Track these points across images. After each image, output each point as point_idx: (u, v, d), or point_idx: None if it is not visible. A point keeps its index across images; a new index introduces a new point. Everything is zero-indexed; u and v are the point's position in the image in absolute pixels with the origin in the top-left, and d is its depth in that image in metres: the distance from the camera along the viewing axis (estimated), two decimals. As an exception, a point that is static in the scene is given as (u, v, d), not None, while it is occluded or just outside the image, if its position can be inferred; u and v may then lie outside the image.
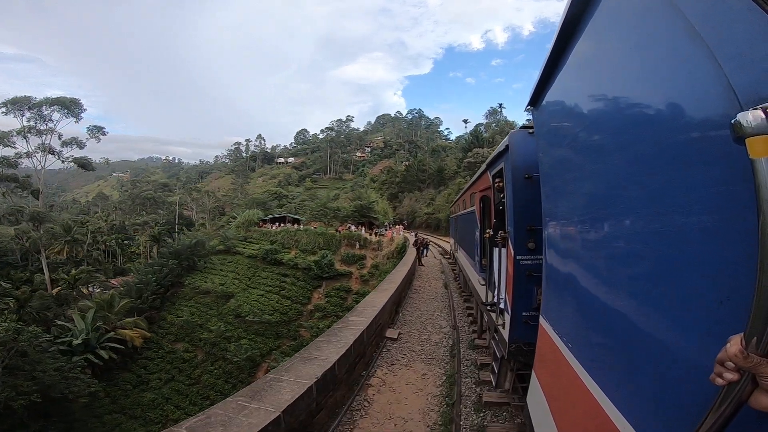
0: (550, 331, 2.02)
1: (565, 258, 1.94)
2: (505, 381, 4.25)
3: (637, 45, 1.13)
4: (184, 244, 36.38)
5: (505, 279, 3.76)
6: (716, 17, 0.77)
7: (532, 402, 2.38)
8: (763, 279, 0.55)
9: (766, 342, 0.53)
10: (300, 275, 31.52)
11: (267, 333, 26.85)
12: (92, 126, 41.19)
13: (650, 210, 1.05)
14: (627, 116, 1.20)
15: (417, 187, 60.22)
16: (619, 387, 1.24)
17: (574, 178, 1.78)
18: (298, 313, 27.82)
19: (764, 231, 0.54)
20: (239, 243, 38.87)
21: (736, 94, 0.69)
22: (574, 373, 1.57)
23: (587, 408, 1.42)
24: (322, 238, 34.85)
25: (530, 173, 3.19)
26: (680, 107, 0.92)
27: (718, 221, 0.79)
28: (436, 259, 22.26)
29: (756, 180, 0.56)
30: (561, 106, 1.94)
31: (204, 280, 34.90)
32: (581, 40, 1.55)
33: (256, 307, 28.96)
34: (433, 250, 26.50)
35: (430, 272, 16.93)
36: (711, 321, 0.80)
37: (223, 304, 30.72)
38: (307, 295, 30.02)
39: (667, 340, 0.97)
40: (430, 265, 19.23)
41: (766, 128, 0.55)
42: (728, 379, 0.58)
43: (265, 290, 30.91)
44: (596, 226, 1.51)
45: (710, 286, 0.81)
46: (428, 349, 7.01)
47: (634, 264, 1.18)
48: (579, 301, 1.68)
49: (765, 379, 0.54)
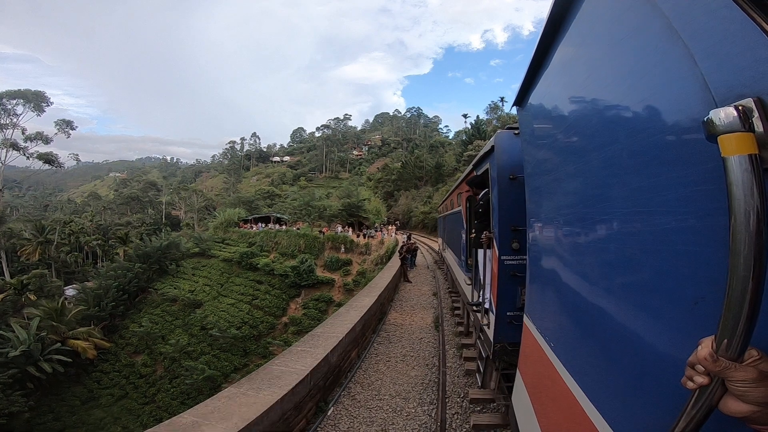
0: (534, 330, 2.03)
1: (547, 258, 1.95)
2: (490, 380, 4.23)
3: (617, 44, 1.11)
4: (154, 246, 33.19)
5: (490, 279, 3.76)
6: (692, 13, 0.75)
7: (517, 401, 2.35)
8: (734, 281, 0.54)
9: (736, 345, 0.53)
10: (276, 282, 28.13)
11: (233, 349, 23.57)
12: (60, 120, 38.15)
13: (628, 210, 1.06)
14: (606, 116, 1.20)
15: (413, 185, 56.42)
16: (599, 386, 1.24)
17: (555, 178, 1.77)
18: (270, 327, 24.49)
19: (735, 231, 0.54)
20: (216, 245, 35.64)
21: (712, 93, 0.68)
22: (556, 372, 1.58)
23: (568, 407, 1.43)
24: (303, 241, 31.41)
25: (515, 174, 3.16)
26: (658, 106, 0.90)
27: (693, 221, 0.78)
28: (428, 272, 16.25)
29: (727, 178, 0.55)
30: (544, 106, 1.91)
31: (174, 285, 31.74)
32: (565, 40, 1.52)
33: (224, 318, 25.70)
34: (427, 257, 21.87)
35: (419, 296, 11.16)
36: (687, 321, 0.80)
37: (189, 314, 27.52)
38: (282, 305, 26.64)
39: (645, 340, 0.97)
40: (420, 282, 13.87)
41: (739, 126, 0.54)
42: (699, 383, 0.57)
43: (237, 299, 27.64)
44: (576, 226, 1.51)
45: (686, 285, 0.81)
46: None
47: (613, 264, 1.18)
48: (560, 300, 1.71)
49: (734, 384, 0.53)
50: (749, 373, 0.52)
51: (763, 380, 0.51)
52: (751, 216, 0.52)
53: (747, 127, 0.54)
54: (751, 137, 0.54)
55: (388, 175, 64.02)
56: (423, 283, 13.83)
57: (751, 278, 0.52)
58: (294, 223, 38.90)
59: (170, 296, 29.26)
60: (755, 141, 0.54)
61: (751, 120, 0.55)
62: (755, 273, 0.52)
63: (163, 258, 33.97)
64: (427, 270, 17.13)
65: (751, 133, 0.54)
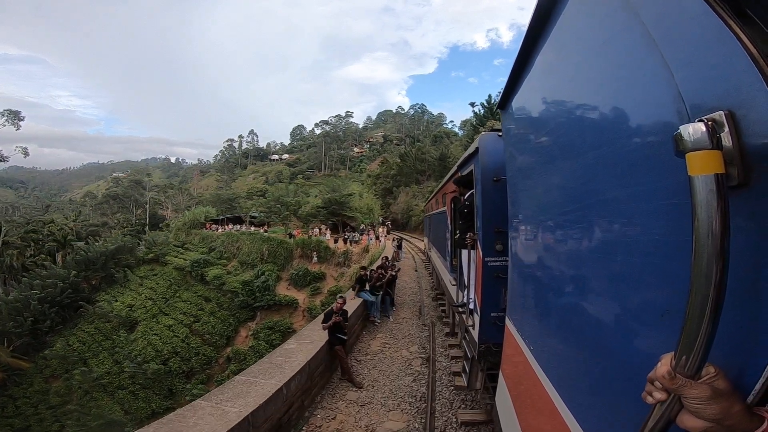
0: (515, 333, 2.02)
1: (526, 261, 1.95)
2: (476, 381, 4.19)
3: (596, 51, 1.09)
4: (97, 250, 28.19)
5: (474, 280, 3.72)
6: (669, 21, 0.74)
7: (500, 402, 2.36)
8: (694, 300, 0.54)
9: (693, 363, 0.54)
10: (225, 301, 22.60)
11: (156, 387, 18.15)
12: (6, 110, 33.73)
13: (603, 219, 1.05)
14: (583, 124, 1.18)
15: (415, 180, 49.52)
16: (573, 392, 1.24)
17: (533, 183, 1.77)
18: (206, 362, 18.86)
19: (697, 252, 0.53)
20: (173, 250, 30.42)
21: (685, 104, 0.67)
22: (535, 375, 1.57)
23: (546, 410, 1.42)
24: (267, 246, 25.63)
25: (499, 176, 3.11)
26: (633, 116, 0.89)
27: (663, 234, 0.78)
28: (417, 335, 7.67)
29: (693, 199, 0.54)
30: (525, 111, 1.92)
31: (115, 298, 26.65)
32: (546, 45, 1.50)
33: (154, 344, 20.31)
34: (421, 284, 12.73)
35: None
36: (654, 333, 0.80)
37: (121, 335, 22.29)
38: (228, 331, 21.04)
39: (617, 349, 0.97)
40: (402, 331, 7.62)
41: (706, 143, 0.53)
42: (657, 399, 0.59)
43: (177, 319, 22.29)
44: (553, 232, 1.50)
45: (655, 297, 0.81)
46: None
47: (587, 271, 1.17)
48: (538, 304, 1.71)
49: (690, 401, 0.54)
50: (703, 391, 0.53)
51: (716, 398, 0.52)
52: (714, 238, 0.51)
53: (715, 143, 0.53)
54: (718, 155, 0.53)
55: (387, 170, 57.73)
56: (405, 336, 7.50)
57: (709, 300, 0.52)
58: (264, 224, 33.30)
59: (105, 312, 24.11)
60: (722, 159, 0.53)
61: (719, 135, 0.54)
62: (714, 295, 0.52)
63: (114, 264, 29.02)
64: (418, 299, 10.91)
65: (719, 150, 0.53)
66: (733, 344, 0.59)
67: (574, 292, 1.26)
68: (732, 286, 0.53)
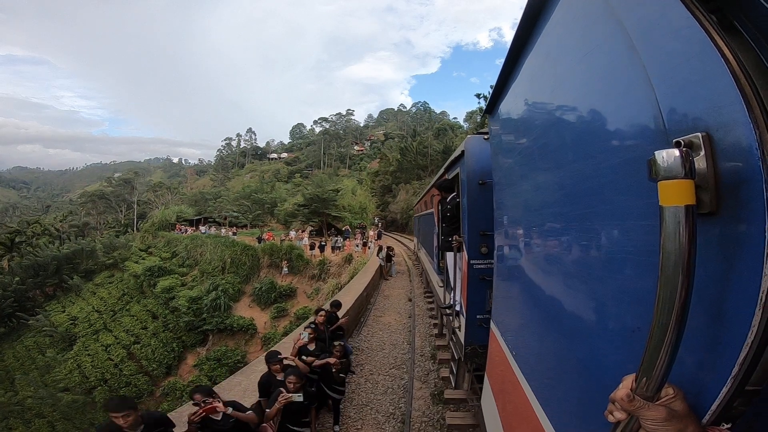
0: (498, 336, 2.04)
1: (508, 266, 1.96)
2: (463, 381, 4.22)
3: (580, 61, 1.07)
4: (48, 255, 25.19)
5: (460, 282, 3.74)
6: (653, 32, 0.70)
7: (485, 403, 2.36)
8: (658, 323, 0.54)
9: (652, 384, 0.55)
10: (171, 320, 19.02)
11: (77, 418, 14.89)
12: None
13: (580, 231, 1.04)
14: (565, 134, 1.17)
15: (415, 176, 45.26)
16: (550, 399, 1.25)
17: (517, 189, 1.78)
18: (138, 394, 15.40)
19: (662, 281, 0.53)
20: (136, 254, 27.28)
21: (664, 121, 0.65)
22: (516, 379, 1.59)
23: (526, 415, 1.43)
24: (229, 253, 22.07)
25: (484, 179, 3.12)
26: (613, 130, 0.87)
27: (635, 253, 0.77)
28: None
29: (662, 228, 0.53)
30: (511, 117, 1.93)
31: (64, 308, 23.58)
32: (533, 52, 1.49)
33: (85, 366, 17.12)
34: (415, 333, 7.23)
35: None
36: (625, 348, 0.80)
37: (56, 352, 19.11)
38: (169, 358, 17.41)
39: (588, 360, 0.98)
40: None
41: (679, 171, 0.52)
42: (617, 418, 0.60)
43: (119, 338, 18.94)
44: (535, 238, 1.50)
45: (626, 314, 0.81)
46: None
47: (564, 279, 1.17)
48: (519, 309, 1.70)
49: (647, 422, 0.55)
50: (659, 413, 0.54)
51: (671, 419, 0.54)
52: (679, 269, 0.51)
53: (687, 169, 0.52)
54: (689, 185, 0.52)
55: (386, 167, 53.78)
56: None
57: (670, 328, 0.52)
58: (246, 226, 29.92)
59: (40, 325, 20.99)
60: (693, 189, 0.52)
61: (692, 160, 0.53)
62: (675, 325, 0.52)
63: (66, 270, 26.01)
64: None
65: (691, 180, 0.52)
66: (693, 366, 0.60)
67: (552, 300, 1.27)
68: (695, 311, 0.53)
